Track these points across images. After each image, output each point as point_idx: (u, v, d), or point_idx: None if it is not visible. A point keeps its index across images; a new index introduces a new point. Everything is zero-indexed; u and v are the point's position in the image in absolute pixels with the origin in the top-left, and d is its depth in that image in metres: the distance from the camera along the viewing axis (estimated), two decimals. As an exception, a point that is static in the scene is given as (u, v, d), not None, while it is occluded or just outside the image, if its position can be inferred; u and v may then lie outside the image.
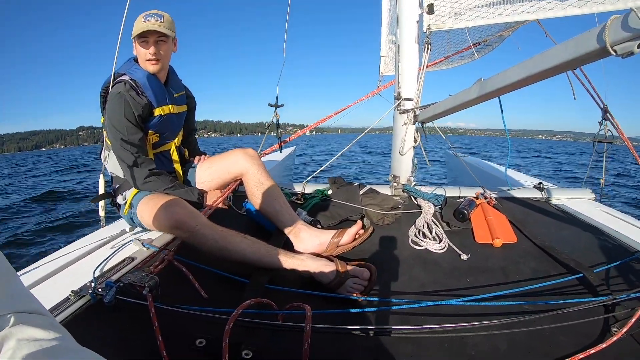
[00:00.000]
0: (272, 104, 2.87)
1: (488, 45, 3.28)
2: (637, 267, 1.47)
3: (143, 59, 1.79)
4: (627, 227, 1.86)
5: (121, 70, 1.80)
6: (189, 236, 1.48)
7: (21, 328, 0.46)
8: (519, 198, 2.43)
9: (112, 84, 1.74)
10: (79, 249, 1.59)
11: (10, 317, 0.47)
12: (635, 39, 0.95)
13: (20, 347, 0.44)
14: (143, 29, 1.70)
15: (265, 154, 2.98)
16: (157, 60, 1.78)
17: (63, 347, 0.47)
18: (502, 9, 1.86)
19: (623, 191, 8.82)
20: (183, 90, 2.03)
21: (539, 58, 1.30)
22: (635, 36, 0.95)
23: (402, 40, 2.35)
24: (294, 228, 1.71)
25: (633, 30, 0.94)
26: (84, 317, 1.10)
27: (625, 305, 1.16)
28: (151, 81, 1.80)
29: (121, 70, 1.80)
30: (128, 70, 1.79)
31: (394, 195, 2.45)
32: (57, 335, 0.48)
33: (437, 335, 1.07)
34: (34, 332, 0.46)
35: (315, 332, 0.98)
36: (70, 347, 0.49)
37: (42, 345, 0.45)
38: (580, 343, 1.03)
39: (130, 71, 1.79)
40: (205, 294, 1.26)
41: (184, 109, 2.04)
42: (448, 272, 1.48)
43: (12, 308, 0.48)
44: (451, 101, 2.00)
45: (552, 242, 1.70)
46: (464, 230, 1.88)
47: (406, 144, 2.47)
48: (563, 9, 1.65)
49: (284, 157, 4.90)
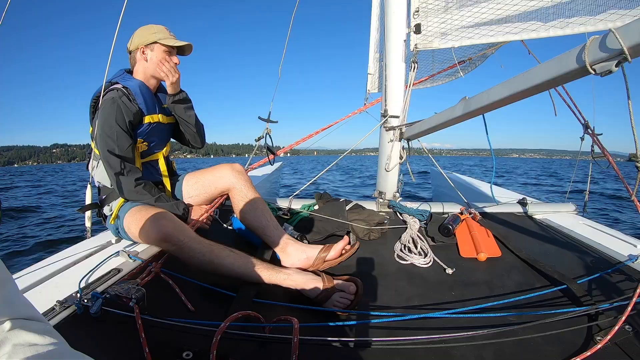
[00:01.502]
0: (264, 118, 2.86)
1: (472, 63, 3.36)
2: (619, 277, 1.50)
3: (161, 67, 1.85)
4: (609, 240, 1.90)
5: (113, 80, 1.85)
6: (176, 249, 1.48)
7: (17, 333, 0.47)
8: (503, 213, 2.47)
9: (104, 92, 1.77)
10: (64, 258, 1.57)
11: (6, 323, 0.47)
12: (613, 59, 1.00)
13: (16, 352, 0.44)
14: (182, 43, 1.87)
15: (252, 168, 2.99)
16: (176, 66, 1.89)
17: (58, 352, 0.48)
18: (487, 30, 1.92)
19: (604, 204, 9.01)
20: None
21: (522, 77, 1.35)
22: (613, 56, 1.00)
23: (389, 59, 2.40)
24: (281, 243, 1.71)
25: (611, 50, 0.99)
26: (70, 327, 1.08)
27: (608, 315, 1.19)
28: (143, 89, 1.84)
29: (113, 80, 1.85)
30: (120, 79, 1.84)
31: (380, 210, 2.47)
32: (53, 341, 0.49)
33: (423, 346, 1.07)
34: (30, 338, 0.47)
35: (302, 344, 0.98)
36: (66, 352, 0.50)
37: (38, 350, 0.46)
38: (565, 352, 1.05)
39: (122, 80, 1.84)
40: (192, 307, 1.25)
41: (173, 120, 2.05)
42: (434, 286, 1.49)
43: (8, 313, 0.48)
44: (436, 119, 2.04)
45: (536, 256, 1.73)
46: (449, 245, 1.90)
47: (392, 160, 2.50)
48: (546, 30, 1.71)
49: (270, 173, 4.90)
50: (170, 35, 1.87)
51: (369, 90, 3.91)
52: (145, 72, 1.88)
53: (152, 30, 1.85)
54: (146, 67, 1.87)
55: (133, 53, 1.88)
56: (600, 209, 8.28)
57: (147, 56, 1.85)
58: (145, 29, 1.86)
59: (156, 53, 1.84)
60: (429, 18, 2.15)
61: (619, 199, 9.58)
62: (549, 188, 13.51)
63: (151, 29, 1.85)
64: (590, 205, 2.66)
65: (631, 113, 1.11)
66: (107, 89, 1.79)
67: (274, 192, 5.28)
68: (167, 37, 1.85)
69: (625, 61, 0.98)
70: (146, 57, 1.85)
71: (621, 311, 1.12)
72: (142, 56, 1.85)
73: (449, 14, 2.08)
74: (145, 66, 1.87)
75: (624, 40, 0.95)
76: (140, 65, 1.87)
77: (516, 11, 1.83)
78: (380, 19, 3.51)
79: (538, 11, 1.76)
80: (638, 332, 1.11)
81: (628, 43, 0.95)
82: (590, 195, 2.69)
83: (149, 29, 1.85)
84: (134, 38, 1.86)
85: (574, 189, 2.71)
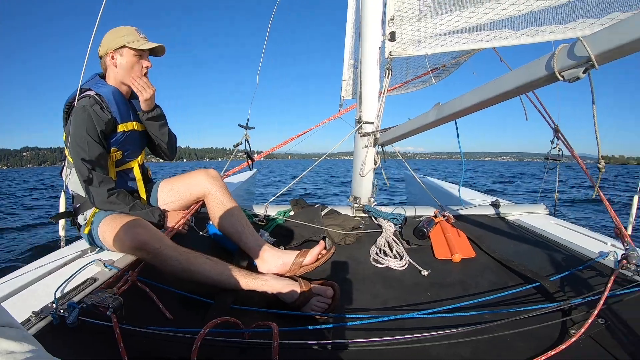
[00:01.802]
0: (243, 125, 2.87)
1: (445, 70, 3.43)
2: (590, 274, 1.55)
3: (136, 72, 1.80)
4: (579, 238, 1.97)
5: (86, 86, 1.78)
6: (152, 257, 1.46)
7: None
8: (476, 215, 2.52)
9: (77, 98, 1.71)
10: (38, 268, 1.52)
11: None
12: (581, 66, 1.05)
13: None
14: (153, 45, 1.80)
15: (227, 175, 2.97)
16: (147, 69, 1.84)
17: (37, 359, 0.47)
18: (460, 38, 1.97)
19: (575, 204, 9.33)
20: None
21: (494, 83, 1.39)
22: (581, 63, 1.04)
23: (364, 66, 2.43)
24: (257, 249, 1.69)
25: (579, 57, 1.04)
26: (47, 338, 1.05)
27: (581, 309, 1.23)
28: (116, 97, 1.79)
29: (86, 86, 1.78)
30: (93, 86, 1.78)
31: (355, 215, 2.48)
32: (31, 348, 0.47)
33: (401, 346, 1.09)
34: (7, 345, 0.45)
35: (282, 349, 0.98)
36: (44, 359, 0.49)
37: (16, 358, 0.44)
38: (541, 346, 1.08)
39: (95, 86, 1.77)
40: (170, 315, 1.23)
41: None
42: (410, 287, 1.51)
43: None
44: (410, 124, 2.07)
45: (509, 255, 1.77)
46: (424, 247, 1.92)
47: (366, 166, 2.52)
48: (517, 38, 1.76)
49: (246, 179, 4.88)
50: (141, 37, 1.79)
51: (344, 96, 3.94)
52: (116, 78, 1.82)
53: (121, 33, 1.76)
54: (116, 73, 1.81)
55: (103, 58, 1.82)
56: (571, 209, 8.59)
57: (117, 61, 1.78)
58: (114, 32, 1.78)
59: (126, 58, 1.77)
60: (404, 26, 2.18)
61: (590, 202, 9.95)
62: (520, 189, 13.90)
63: (119, 31, 1.77)
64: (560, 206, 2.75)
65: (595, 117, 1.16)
66: (80, 95, 1.73)
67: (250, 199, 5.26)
68: (136, 39, 1.77)
69: (593, 68, 1.03)
70: (116, 63, 1.78)
71: (593, 305, 1.17)
72: (111, 61, 1.79)
73: (423, 22, 2.12)
74: (115, 72, 1.81)
75: (591, 48, 1.00)
76: (111, 71, 1.81)
77: (488, 20, 1.88)
78: (355, 26, 3.55)
79: (510, 20, 1.81)
80: (611, 324, 1.16)
81: (595, 51, 1.00)
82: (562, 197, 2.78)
83: (117, 31, 1.77)
84: (103, 42, 1.80)
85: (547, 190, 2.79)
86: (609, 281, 1.29)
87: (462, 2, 1.98)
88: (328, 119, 3.51)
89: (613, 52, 0.99)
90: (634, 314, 1.20)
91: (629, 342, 1.07)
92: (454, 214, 2.40)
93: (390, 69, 2.33)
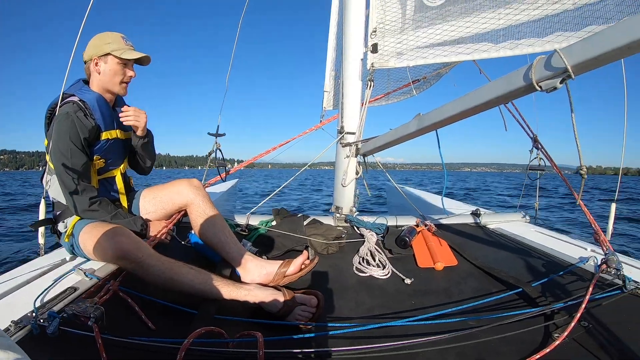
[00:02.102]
0: (212, 133, 2.82)
1: (427, 82, 3.48)
2: (571, 279, 1.58)
3: (118, 80, 1.78)
4: (559, 244, 2.01)
5: (70, 91, 1.74)
6: (134, 267, 1.42)
7: None
8: (457, 224, 2.55)
9: (60, 104, 1.67)
10: (16, 277, 1.48)
11: None
12: (558, 76, 1.08)
13: None
14: (139, 55, 1.77)
15: (209, 184, 2.95)
16: (130, 79, 1.83)
17: None
18: (441, 50, 2.01)
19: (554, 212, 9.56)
20: None
21: (473, 94, 1.42)
22: (558, 74, 1.08)
23: (346, 77, 2.46)
24: (240, 259, 1.67)
25: (556, 68, 1.08)
26: (27, 348, 1.01)
27: (563, 313, 1.26)
28: (101, 104, 1.76)
29: (70, 91, 1.74)
30: (77, 92, 1.74)
31: (337, 225, 2.48)
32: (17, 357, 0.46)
33: (386, 353, 1.09)
34: None
35: (267, 358, 0.97)
36: None
37: None
38: (525, 350, 1.09)
39: (79, 92, 1.74)
40: (152, 325, 1.21)
41: (129, 135, 1.97)
42: (393, 296, 1.52)
43: None
44: (391, 134, 2.09)
45: (491, 263, 1.80)
46: (407, 256, 1.93)
47: (348, 176, 2.53)
48: (496, 51, 1.81)
49: (227, 189, 4.84)
50: (127, 45, 1.76)
51: (325, 107, 3.96)
52: (100, 85, 1.78)
53: (106, 40, 1.73)
54: (100, 80, 1.77)
55: (87, 64, 1.78)
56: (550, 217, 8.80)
57: (100, 68, 1.75)
58: (100, 38, 1.75)
59: (110, 65, 1.74)
60: (386, 38, 2.22)
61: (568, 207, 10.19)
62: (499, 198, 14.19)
63: (105, 38, 1.74)
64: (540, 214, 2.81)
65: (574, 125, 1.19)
66: (63, 101, 1.69)
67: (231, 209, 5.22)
68: (121, 47, 1.73)
69: (569, 78, 1.06)
70: (99, 70, 1.75)
71: (575, 309, 1.19)
72: (95, 68, 1.75)
73: (405, 34, 2.16)
74: (98, 79, 1.77)
75: (568, 60, 1.04)
76: (95, 78, 1.78)
77: (469, 33, 1.93)
78: (337, 37, 3.59)
79: (489, 33, 1.86)
80: (593, 327, 1.18)
81: (572, 62, 1.03)
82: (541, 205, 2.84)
83: (103, 38, 1.74)
84: (88, 48, 1.76)
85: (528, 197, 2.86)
86: (590, 285, 1.32)
87: (443, 16, 2.03)
88: (310, 129, 3.52)
89: (589, 63, 1.02)
90: (616, 317, 1.24)
91: (611, 344, 1.10)
92: (436, 223, 2.42)
93: (372, 80, 2.36)
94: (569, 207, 10.76)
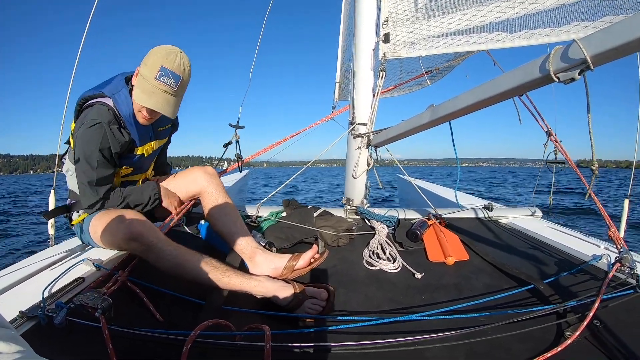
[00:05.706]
0: (233, 125, 2.86)
1: (439, 73, 3.44)
2: (584, 277, 1.55)
3: (137, 108, 1.62)
4: (572, 240, 1.97)
5: (107, 90, 1.62)
6: (145, 249, 1.41)
7: None
8: (469, 218, 2.53)
9: (92, 102, 1.59)
10: (25, 267, 1.49)
11: None
12: (576, 67, 1.05)
13: None
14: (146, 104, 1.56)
15: (225, 171, 2.94)
16: (151, 119, 1.67)
17: None
18: (454, 40, 1.98)
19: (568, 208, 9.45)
20: (170, 122, 1.91)
21: (489, 85, 1.39)
22: (576, 65, 1.05)
23: (358, 67, 2.43)
24: (250, 251, 1.66)
25: (574, 59, 1.04)
26: (34, 339, 1.02)
27: (576, 312, 1.22)
28: (136, 120, 1.67)
29: (107, 90, 1.62)
30: (115, 94, 1.61)
31: (348, 217, 2.47)
32: (19, 349, 0.46)
33: (396, 349, 1.07)
34: None
35: (275, 352, 0.96)
36: None
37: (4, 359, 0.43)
38: (536, 348, 1.07)
39: (117, 97, 1.61)
40: (160, 316, 1.21)
41: (165, 141, 1.96)
42: (403, 290, 1.50)
43: None
44: (403, 126, 2.07)
45: (502, 258, 1.77)
46: (417, 250, 1.91)
47: (359, 167, 2.52)
48: (511, 41, 1.77)
49: (238, 180, 4.86)
50: (157, 81, 1.51)
51: (336, 98, 3.94)
52: (136, 103, 1.61)
53: (150, 59, 1.53)
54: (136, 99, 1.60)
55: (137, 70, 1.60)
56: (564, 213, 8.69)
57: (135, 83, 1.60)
58: (153, 52, 1.55)
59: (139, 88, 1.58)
60: (398, 28, 2.19)
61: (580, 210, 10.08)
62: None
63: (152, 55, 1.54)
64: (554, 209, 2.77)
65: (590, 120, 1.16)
66: (97, 99, 1.60)
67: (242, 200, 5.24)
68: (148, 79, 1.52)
69: (588, 69, 1.03)
70: (134, 84, 1.60)
71: (588, 308, 1.17)
72: (135, 79, 1.59)
73: (417, 24, 2.13)
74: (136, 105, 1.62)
75: (587, 50, 1.00)
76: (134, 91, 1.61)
77: (483, 22, 1.89)
78: (349, 28, 3.55)
79: (504, 22, 1.82)
80: (606, 326, 1.15)
81: (591, 52, 1.00)
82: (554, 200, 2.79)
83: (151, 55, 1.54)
84: (147, 58, 1.55)
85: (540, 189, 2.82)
86: (603, 284, 1.30)
87: (456, 5, 1.99)
88: (322, 120, 3.50)
89: (608, 54, 0.99)
90: (629, 316, 1.21)
91: (624, 345, 1.07)
92: (447, 216, 2.40)
93: (384, 71, 2.34)
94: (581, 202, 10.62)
